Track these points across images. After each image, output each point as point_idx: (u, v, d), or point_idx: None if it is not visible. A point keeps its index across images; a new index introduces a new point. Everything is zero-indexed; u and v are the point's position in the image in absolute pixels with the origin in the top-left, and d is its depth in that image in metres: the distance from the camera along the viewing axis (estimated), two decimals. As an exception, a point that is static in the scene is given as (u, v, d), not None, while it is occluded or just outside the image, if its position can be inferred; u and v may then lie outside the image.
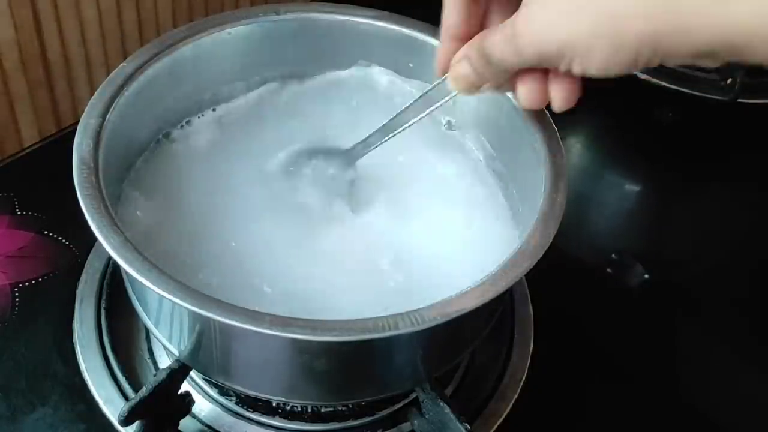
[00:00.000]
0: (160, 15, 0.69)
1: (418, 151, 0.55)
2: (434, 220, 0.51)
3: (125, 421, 0.46)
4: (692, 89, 0.74)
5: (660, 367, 0.58)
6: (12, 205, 0.60)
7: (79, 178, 0.43)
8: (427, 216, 0.51)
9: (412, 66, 0.55)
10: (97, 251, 0.57)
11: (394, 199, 0.52)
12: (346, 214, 0.50)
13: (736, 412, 0.56)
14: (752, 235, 0.68)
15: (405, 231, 0.50)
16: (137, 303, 0.47)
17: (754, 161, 0.75)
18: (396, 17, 0.55)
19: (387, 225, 0.50)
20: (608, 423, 0.54)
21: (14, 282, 0.56)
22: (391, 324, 0.38)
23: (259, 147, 0.54)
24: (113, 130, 0.47)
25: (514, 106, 0.50)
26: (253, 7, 0.55)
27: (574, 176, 0.69)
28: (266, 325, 0.38)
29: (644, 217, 0.70)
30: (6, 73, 0.61)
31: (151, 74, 0.50)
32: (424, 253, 0.49)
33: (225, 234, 0.49)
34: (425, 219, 0.51)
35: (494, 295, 0.40)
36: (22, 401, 0.50)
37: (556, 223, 0.43)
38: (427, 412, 0.48)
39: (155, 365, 0.53)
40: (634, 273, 0.63)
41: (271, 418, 0.51)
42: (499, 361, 0.54)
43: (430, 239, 0.50)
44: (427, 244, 0.50)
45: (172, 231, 0.48)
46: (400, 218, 0.51)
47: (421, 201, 0.52)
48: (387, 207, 0.51)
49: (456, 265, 0.49)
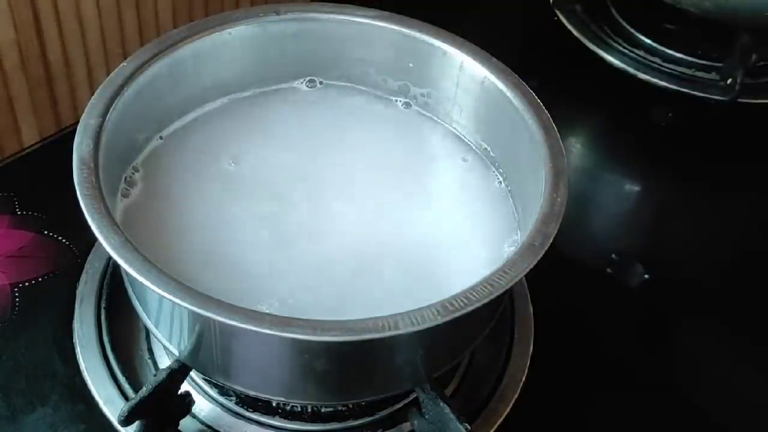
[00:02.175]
0: (160, 15, 0.69)
1: (416, 151, 0.55)
2: (433, 220, 0.51)
3: (125, 421, 0.46)
4: (692, 89, 0.74)
5: (660, 367, 0.58)
6: (12, 205, 0.60)
7: (79, 178, 0.43)
8: (426, 216, 0.51)
9: (412, 66, 0.56)
10: (97, 251, 0.57)
11: (393, 200, 0.52)
12: (345, 214, 0.50)
13: (736, 411, 0.56)
14: (752, 235, 0.68)
15: (404, 230, 0.50)
16: (137, 303, 0.47)
17: (754, 162, 0.75)
18: (396, 17, 0.55)
19: (386, 225, 0.50)
20: (608, 423, 0.54)
21: (14, 282, 0.56)
22: (391, 324, 0.38)
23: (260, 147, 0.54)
24: (113, 130, 0.47)
25: (514, 106, 0.50)
26: (253, 8, 0.55)
27: (574, 176, 0.69)
28: (266, 325, 0.38)
29: (644, 217, 0.70)
30: (6, 73, 0.61)
31: (151, 74, 0.50)
32: (423, 252, 0.49)
33: (224, 235, 0.49)
34: (424, 219, 0.51)
35: (494, 295, 0.40)
36: (22, 401, 0.50)
37: (557, 223, 0.43)
38: (427, 412, 0.48)
39: (155, 365, 0.53)
40: (634, 273, 0.63)
41: (271, 418, 0.51)
42: (499, 361, 0.54)
43: (430, 239, 0.50)
44: (426, 244, 0.50)
45: (172, 231, 0.49)
46: (399, 218, 0.51)
47: (420, 201, 0.52)
48: (386, 208, 0.51)
49: (456, 264, 0.49)
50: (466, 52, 0.53)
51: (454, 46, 0.54)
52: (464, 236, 0.51)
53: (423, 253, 0.49)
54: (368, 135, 0.56)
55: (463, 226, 0.51)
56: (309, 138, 0.55)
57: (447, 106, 0.56)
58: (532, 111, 0.49)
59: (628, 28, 0.81)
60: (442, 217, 0.51)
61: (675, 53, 0.78)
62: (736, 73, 0.72)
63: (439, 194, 0.53)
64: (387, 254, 0.49)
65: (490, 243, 0.50)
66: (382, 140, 0.55)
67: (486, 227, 0.51)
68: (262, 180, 0.52)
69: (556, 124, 0.49)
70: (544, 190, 0.45)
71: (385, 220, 0.51)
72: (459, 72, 0.54)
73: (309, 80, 0.57)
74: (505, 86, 0.51)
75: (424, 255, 0.49)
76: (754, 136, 0.75)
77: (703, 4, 0.70)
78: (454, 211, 0.52)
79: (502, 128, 0.52)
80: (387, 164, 0.54)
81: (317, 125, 0.56)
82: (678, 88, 0.75)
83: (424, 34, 0.54)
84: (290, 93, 0.57)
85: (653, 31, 0.79)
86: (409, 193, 0.52)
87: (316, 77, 0.57)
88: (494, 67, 0.52)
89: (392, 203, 0.52)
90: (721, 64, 0.75)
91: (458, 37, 0.54)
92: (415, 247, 0.49)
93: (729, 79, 0.73)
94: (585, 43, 0.78)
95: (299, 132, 0.55)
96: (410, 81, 0.56)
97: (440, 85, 0.55)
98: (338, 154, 0.54)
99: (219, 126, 0.55)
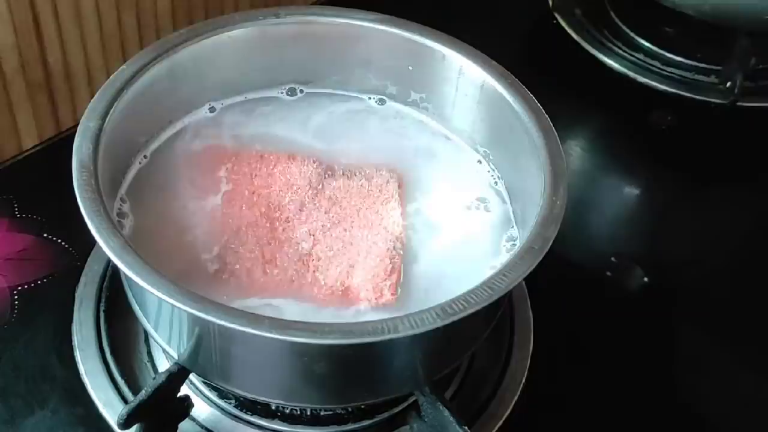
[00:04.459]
0: (159, 18, 0.69)
1: (414, 156, 0.55)
2: (433, 223, 0.51)
3: (124, 424, 0.46)
4: (691, 93, 0.74)
5: (659, 371, 0.58)
6: (11, 208, 0.60)
7: (79, 181, 0.43)
8: (425, 219, 0.51)
9: (412, 69, 0.56)
10: (96, 254, 0.57)
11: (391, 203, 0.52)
12: (344, 216, 0.50)
13: (735, 415, 0.56)
14: (752, 238, 0.68)
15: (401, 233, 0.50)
16: (136, 306, 0.47)
17: (753, 165, 0.75)
18: (397, 21, 0.55)
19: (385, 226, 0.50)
20: (608, 426, 0.54)
21: (13, 285, 0.56)
22: (391, 327, 0.38)
23: (259, 149, 0.54)
24: (113, 133, 0.47)
25: (514, 109, 0.50)
26: (252, 11, 0.55)
27: (573, 179, 0.69)
28: (266, 328, 0.38)
29: (644, 220, 0.70)
30: (6, 77, 0.61)
31: (150, 77, 0.50)
32: (423, 256, 0.49)
33: (224, 235, 0.49)
34: (424, 222, 0.51)
35: (494, 298, 0.40)
36: (21, 404, 0.50)
37: (556, 226, 0.43)
38: (427, 415, 0.48)
39: (154, 368, 0.53)
40: (633, 276, 0.63)
41: (270, 421, 0.51)
42: (499, 364, 0.54)
43: (429, 242, 0.50)
44: (426, 247, 0.50)
45: (171, 234, 0.49)
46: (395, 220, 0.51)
47: (419, 205, 0.52)
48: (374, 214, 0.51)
49: (455, 268, 0.49)
50: (466, 56, 0.53)
51: (453, 49, 0.54)
52: (463, 238, 0.51)
53: (422, 255, 0.49)
54: (364, 139, 0.56)
55: (462, 228, 0.51)
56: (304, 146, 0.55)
57: (446, 110, 0.56)
58: (531, 114, 0.49)
59: (627, 31, 0.81)
60: (440, 219, 0.51)
61: (674, 57, 0.78)
62: (736, 76, 0.72)
63: (437, 196, 0.53)
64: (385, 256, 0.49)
65: (489, 245, 0.50)
66: (378, 143, 0.56)
67: (485, 230, 0.51)
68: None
69: (555, 128, 0.49)
70: (543, 193, 0.45)
71: (383, 221, 0.51)
72: (458, 75, 0.54)
73: (289, 89, 0.57)
74: (504, 90, 0.51)
75: (423, 258, 0.49)
76: (753, 140, 0.75)
77: (703, 8, 0.70)
78: (452, 213, 0.52)
79: (501, 131, 0.52)
80: (386, 166, 0.54)
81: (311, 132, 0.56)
82: (677, 91, 0.75)
83: (424, 37, 0.54)
84: (290, 96, 0.57)
85: (653, 34, 0.79)
86: (406, 195, 0.52)
87: (312, 81, 0.57)
88: (494, 70, 0.52)
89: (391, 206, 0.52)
90: (721, 68, 0.75)
91: (458, 40, 0.54)
92: (413, 248, 0.49)
93: (728, 82, 0.73)
94: (584, 46, 0.78)
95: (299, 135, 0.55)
96: (410, 84, 0.56)
97: (440, 89, 0.55)
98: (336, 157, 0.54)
99: (218, 128, 0.55)
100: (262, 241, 0.48)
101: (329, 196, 0.51)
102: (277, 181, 0.51)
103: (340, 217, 0.50)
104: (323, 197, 0.51)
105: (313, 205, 0.50)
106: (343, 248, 0.48)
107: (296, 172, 0.52)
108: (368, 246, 0.48)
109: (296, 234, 0.49)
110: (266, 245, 0.48)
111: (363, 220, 0.50)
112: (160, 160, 0.52)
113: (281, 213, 0.50)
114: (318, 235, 0.49)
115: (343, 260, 0.48)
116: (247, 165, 0.52)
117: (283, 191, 0.51)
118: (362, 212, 0.50)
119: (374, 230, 0.49)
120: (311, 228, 0.49)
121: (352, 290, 0.47)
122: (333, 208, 0.50)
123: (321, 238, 0.49)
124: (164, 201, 0.50)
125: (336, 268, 0.47)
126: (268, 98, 0.57)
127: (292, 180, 0.51)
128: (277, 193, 0.51)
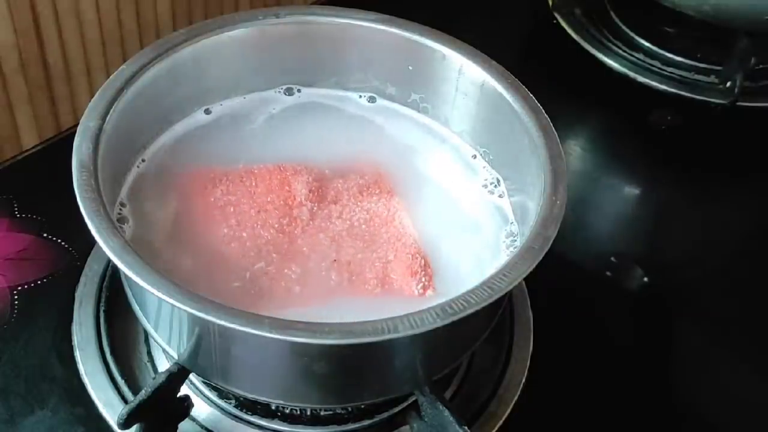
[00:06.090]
0: (159, 18, 0.69)
1: (414, 156, 0.55)
2: (433, 223, 0.51)
3: (124, 424, 0.45)
4: (691, 93, 0.74)
5: (659, 371, 0.58)
6: (11, 208, 0.60)
7: (79, 181, 0.43)
8: (425, 219, 0.51)
9: (412, 69, 0.56)
10: (96, 254, 0.57)
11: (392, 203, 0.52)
12: (343, 217, 0.50)
13: (735, 415, 0.56)
14: (752, 238, 0.68)
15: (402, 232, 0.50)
16: (136, 306, 0.47)
17: (753, 165, 0.75)
18: (396, 21, 0.55)
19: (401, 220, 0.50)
20: (608, 426, 0.54)
21: (13, 285, 0.56)
22: (391, 327, 0.38)
23: (258, 150, 0.54)
24: (113, 132, 0.47)
25: (513, 109, 0.50)
26: (252, 11, 0.55)
27: (573, 179, 0.69)
28: (266, 328, 0.38)
29: (643, 220, 0.70)
30: (6, 76, 0.61)
31: (150, 77, 0.50)
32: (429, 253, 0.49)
33: (223, 236, 0.49)
34: (424, 222, 0.51)
35: (494, 298, 0.40)
36: (21, 404, 0.50)
37: (556, 226, 0.43)
38: (427, 415, 0.48)
39: (154, 368, 0.53)
40: (633, 276, 0.63)
41: (270, 421, 0.51)
42: (499, 364, 0.54)
43: (429, 242, 0.50)
44: (425, 247, 0.50)
45: (171, 234, 0.48)
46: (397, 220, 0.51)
47: (419, 205, 0.52)
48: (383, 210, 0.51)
49: (455, 268, 0.49)
50: (466, 56, 0.53)
51: (453, 49, 0.54)
52: (463, 238, 0.51)
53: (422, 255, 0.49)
54: (363, 140, 0.56)
55: (462, 228, 0.51)
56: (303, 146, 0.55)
57: (446, 109, 0.56)
58: (531, 114, 0.49)
59: (627, 31, 0.81)
60: (440, 219, 0.51)
61: (674, 56, 0.78)
62: (736, 76, 0.72)
63: (438, 197, 0.53)
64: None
65: (488, 245, 0.50)
66: (378, 143, 0.56)
67: (485, 229, 0.51)
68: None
69: (555, 128, 0.49)
70: (543, 193, 0.45)
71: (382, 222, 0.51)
72: (458, 75, 0.54)
73: (287, 89, 0.57)
74: (504, 89, 0.51)
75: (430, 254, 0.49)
76: (753, 140, 0.75)
77: (703, 8, 0.70)
78: (452, 214, 0.52)
79: (501, 131, 0.52)
80: (385, 166, 0.54)
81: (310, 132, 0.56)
82: (677, 91, 0.75)
83: (423, 37, 0.54)
84: (289, 98, 0.57)
85: (652, 34, 0.79)
86: (406, 196, 0.52)
87: (312, 81, 0.57)
88: (494, 70, 0.52)
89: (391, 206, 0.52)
90: (721, 68, 0.75)
91: (458, 40, 0.54)
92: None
93: (728, 82, 0.73)
94: (584, 46, 0.78)
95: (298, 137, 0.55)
96: (409, 84, 0.56)
97: (439, 89, 0.55)
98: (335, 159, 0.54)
99: (218, 128, 0.55)
100: (287, 257, 0.48)
101: (333, 200, 0.51)
102: (278, 194, 0.51)
103: (351, 218, 0.50)
104: (328, 201, 0.51)
105: (321, 212, 0.50)
106: (367, 246, 0.48)
107: (293, 181, 0.51)
108: (390, 242, 0.49)
109: (317, 241, 0.49)
110: (293, 260, 0.48)
111: (376, 218, 0.50)
112: (158, 163, 0.52)
113: (294, 226, 0.50)
114: (338, 239, 0.49)
115: (373, 258, 0.48)
116: (241, 182, 0.51)
117: (288, 203, 0.50)
118: (371, 210, 0.51)
119: (389, 226, 0.50)
120: (329, 234, 0.49)
121: (394, 285, 0.47)
122: (342, 210, 0.50)
123: (342, 241, 0.49)
124: (167, 216, 0.50)
125: (369, 267, 0.47)
126: (267, 98, 0.57)
127: (292, 190, 0.51)
128: (283, 207, 0.50)
